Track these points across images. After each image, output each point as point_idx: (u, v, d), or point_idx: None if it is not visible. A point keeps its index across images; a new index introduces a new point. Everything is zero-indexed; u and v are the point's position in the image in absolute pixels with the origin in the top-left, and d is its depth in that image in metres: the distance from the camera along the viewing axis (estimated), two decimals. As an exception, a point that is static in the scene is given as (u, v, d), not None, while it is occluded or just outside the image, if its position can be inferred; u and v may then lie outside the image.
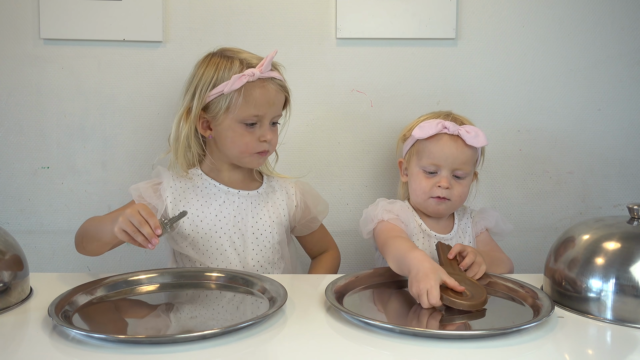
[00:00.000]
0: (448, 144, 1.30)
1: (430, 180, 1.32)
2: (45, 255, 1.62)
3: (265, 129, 1.29)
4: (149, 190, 1.30)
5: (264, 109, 1.28)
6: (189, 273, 1.19)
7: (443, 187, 1.30)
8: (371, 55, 1.61)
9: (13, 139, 1.59)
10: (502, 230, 1.39)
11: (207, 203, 1.31)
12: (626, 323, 0.99)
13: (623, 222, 1.08)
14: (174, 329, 0.98)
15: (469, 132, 1.29)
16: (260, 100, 1.27)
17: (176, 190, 1.31)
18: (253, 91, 1.26)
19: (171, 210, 1.29)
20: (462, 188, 1.32)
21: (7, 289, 1.03)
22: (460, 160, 1.29)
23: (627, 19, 1.60)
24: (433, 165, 1.31)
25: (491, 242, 1.39)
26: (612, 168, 1.65)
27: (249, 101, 1.26)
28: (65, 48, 1.57)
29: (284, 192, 1.38)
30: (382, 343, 0.90)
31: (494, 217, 1.38)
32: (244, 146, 1.29)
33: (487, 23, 1.60)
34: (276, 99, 1.30)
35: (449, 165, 1.30)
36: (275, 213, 1.35)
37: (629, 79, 1.62)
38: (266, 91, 1.27)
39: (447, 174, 1.30)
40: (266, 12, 1.59)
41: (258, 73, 1.25)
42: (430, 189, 1.31)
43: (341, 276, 1.14)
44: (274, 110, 1.30)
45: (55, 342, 0.89)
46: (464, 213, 1.41)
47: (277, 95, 1.30)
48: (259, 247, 1.32)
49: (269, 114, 1.29)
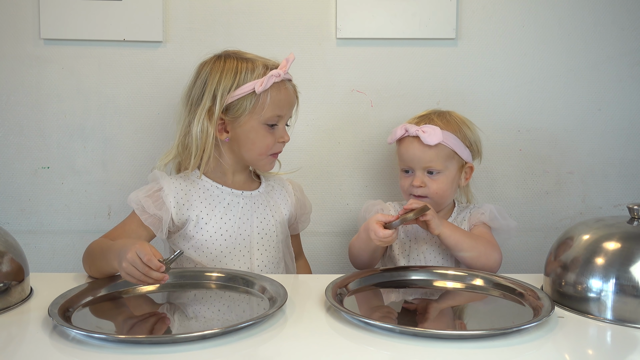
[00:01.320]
0: (410, 146, 1.38)
1: (408, 179, 1.40)
2: (45, 255, 1.62)
3: (282, 129, 1.31)
4: (150, 202, 1.26)
5: (286, 109, 1.30)
6: (189, 273, 1.19)
7: (416, 186, 1.37)
8: (371, 55, 1.61)
9: (13, 139, 1.59)
10: (501, 226, 1.39)
11: (211, 205, 1.29)
12: (626, 323, 0.99)
13: (623, 222, 1.08)
14: (174, 329, 0.98)
15: (425, 131, 1.35)
16: (284, 101, 1.29)
17: (178, 194, 1.28)
18: (278, 92, 1.28)
19: (176, 215, 1.26)
20: (438, 184, 1.37)
21: (7, 289, 1.03)
22: (425, 158, 1.36)
23: (627, 19, 1.60)
24: (406, 166, 1.40)
25: (484, 234, 1.38)
26: (612, 168, 1.65)
27: (274, 102, 1.27)
28: (65, 48, 1.57)
29: (283, 190, 1.39)
30: (382, 343, 0.90)
31: (487, 210, 1.39)
32: (265, 148, 1.29)
33: (487, 23, 1.60)
34: (294, 100, 1.33)
35: (418, 165, 1.37)
36: (277, 212, 1.35)
37: (629, 79, 1.62)
38: (288, 92, 1.30)
39: (420, 173, 1.38)
40: (266, 12, 1.59)
41: (283, 74, 1.27)
42: (407, 187, 1.40)
43: (341, 276, 1.14)
44: (292, 111, 1.34)
45: (55, 342, 0.89)
46: (464, 208, 1.44)
47: (295, 96, 1.33)
48: (264, 247, 1.32)
49: (287, 114, 1.32)
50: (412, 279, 1.19)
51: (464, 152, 1.39)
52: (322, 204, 1.62)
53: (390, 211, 1.44)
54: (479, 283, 1.16)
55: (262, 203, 1.34)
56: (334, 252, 1.67)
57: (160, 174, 1.30)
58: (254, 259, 1.30)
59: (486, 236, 1.36)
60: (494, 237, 1.38)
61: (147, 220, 1.25)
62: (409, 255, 1.38)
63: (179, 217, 1.27)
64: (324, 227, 1.64)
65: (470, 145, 1.41)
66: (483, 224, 1.39)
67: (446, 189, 1.37)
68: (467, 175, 1.42)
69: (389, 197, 1.63)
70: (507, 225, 1.39)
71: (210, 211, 1.29)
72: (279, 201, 1.37)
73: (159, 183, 1.28)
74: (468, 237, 1.30)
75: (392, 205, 1.46)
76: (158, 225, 1.26)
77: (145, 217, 1.25)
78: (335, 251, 1.67)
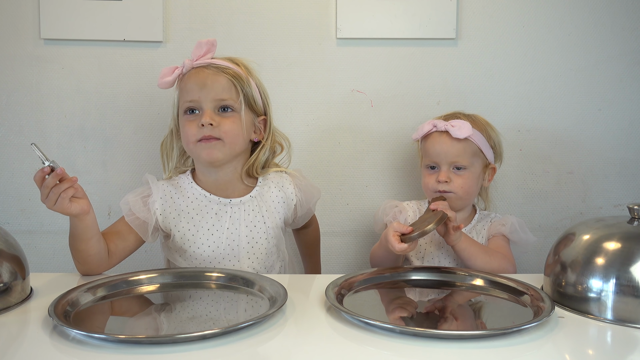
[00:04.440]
0: (438, 140, 1.37)
1: (433, 176, 1.39)
2: (45, 255, 1.62)
3: (205, 113, 1.25)
4: (139, 203, 1.27)
5: (196, 92, 1.26)
6: (189, 273, 1.19)
7: (442, 181, 1.36)
8: (371, 55, 1.61)
9: (13, 139, 1.59)
10: (520, 240, 1.38)
11: (198, 216, 1.29)
12: (626, 323, 0.98)
13: (623, 222, 1.08)
14: (174, 329, 0.98)
15: (454, 125, 1.35)
16: (192, 85, 1.27)
17: (166, 202, 1.28)
18: (187, 79, 1.29)
19: (162, 222, 1.28)
20: (463, 180, 1.36)
21: (7, 289, 1.03)
22: (453, 153, 1.36)
23: (627, 19, 1.60)
24: (432, 162, 1.39)
25: (501, 247, 1.37)
26: (612, 168, 1.65)
27: (183, 89, 1.29)
28: (65, 48, 1.57)
29: (281, 192, 1.35)
30: (382, 343, 0.90)
31: (509, 222, 1.38)
32: (188, 136, 1.27)
33: (487, 23, 1.60)
34: (210, 80, 1.26)
35: (445, 160, 1.37)
36: (270, 217, 1.32)
37: (629, 79, 1.62)
38: (198, 76, 1.28)
39: (446, 168, 1.37)
40: (266, 12, 1.59)
41: (188, 63, 1.28)
42: (433, 184, 1.38)
43: (341, 276, 1.14)
44: (209, 93, 1.25)
45: (55, 342, 0.89)
46: (485, 216, 1.44)
47: (213, 77, 1.26)
48: (255, 255, 1.30)
49: (203, 96, 1.25)
50: (413, 279, 1.19)
51: (488, 151, 1.40)
52: (322, 204, 1.62)
53: (408, 212, 1.43)
54: (479, 283, 1.16)
55: (254, 209, 1.31)
56: (334, 252, 1.67)
57: (151, 179, 1.30)
58: (244, 268, 1.29)
59: (503, 250, 1.36)
60: (511, 249, 1.38)
61: (134, 222, 1.26)
62: (423, 258, 1.38)
63: (164, 225, 1.28)
64: (324, 227, 1.64)
65: (494, 146, 1.42)
66: (502, 236, 1.39)
67: (471, 184, 1.37)
68: (490, 176, 1.43)
69: (389, 196, 1.63)
70: (527, 239, 1.38)
71: (197, 222, 1.28)
72: (274, 204, 1.33)
73: (149, 189, 1.29)
74: (483, 252, 1.29)
75: (409, 206, 1.45)
76: (145, 229, 1.27)
77: (131, 219, 1.26)
78: (335, 251, 1.67)
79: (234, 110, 1.27)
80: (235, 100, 1.27)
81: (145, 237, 1.27)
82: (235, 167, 1.32)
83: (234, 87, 1.27)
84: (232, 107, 1.27)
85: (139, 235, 1.27)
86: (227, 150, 1.27)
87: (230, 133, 1.26)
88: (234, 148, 1.28)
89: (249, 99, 1.29)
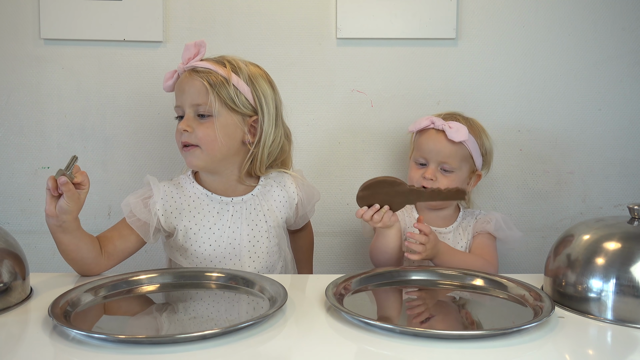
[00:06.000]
0: (433, 138, 1.38)
1: (420, 171, 1.40)
2: (45, 255, 1.62)
3: (184, 119, 1.24)
4: (140, 205, 1.26)
5: (179, 98, 1.27)
6: (189, 273, 1.19)
7: (427, 178, 1.37)
8: (371, 55, 1.61)
9: (13, 139, 1.59)
10: (506, 236, 1.38)
11: (200, 215, 1.28)
12: (626, 323, 0.98)
13: (623, 222, 1.08)
14: (174, 329, 0.98)
15: (451, 127, 1.36)
16: (177, 90, 1.28)
17: (167, 201, 1.28)
18: (177, 84, 1.29)
19: (164, 223, 1.27)
20: (449, 181, 1.37)
21: (7, 289, 1.03)
22: (444, 153, 1.36)
23: (627, 19, 1.60)
24: (422, 157, 1.40)
25: (485, 246, 1.38)
26: (612, 168, 1.65)
27: (175, 93, 1.29)
28: (65, 48, 1.57)
29: (283, 191, 1.34)
30: (382, 343, 0.90)
31: (493, 219, 1.38)
32: (177, 141, 1.28)
33: (487, 23, 1.60)
34: (187, 85, 1.24)
35: (435, 158, 1.38)
36: (272, 216, 1.32)
37: (629, 79, 1.62)
38: (181, 81, 1.28)
39: (434, 166, 1.38)
40: (266, 12, 1.59)
41: (181, 67, 1.28)
42: (417, 179, 1.39)
43: (341, 276, 1.14)
44: (187, 98, 1.24)
45: (55, 342, 0.89)
46: (470, 213, 1.44)
47: (190, 82, 1.24)
48: (256, 254, 1.30)
49: (183, 101, 1.25)
50: (413, 279, 1.19)
51: (478, 158, 1.40)
52: (322, 204, 1.62)
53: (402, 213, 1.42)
54: (479, 283, 1.16)
55: (255, 208, 1.31)
56: (334, 252, 1.67)
57: (152, 180, 1.29)
58: (245, 267, 1.29)
59: (486, 250, 1.36)
60: (498, 246, 1.38)
61: (135, 224, 1.26)
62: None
63: (167, 225, 1.28)
64: (324, 227, 1.64)
65: (485, 154, 1.43)
66: (487, 234, 1.39)
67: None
68: (474, 182, 1.44)
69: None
70: (512, 236, 1.39)
71: (199, 221, 1.28)
72: (276, 203, 1.33)
73: (150, 191, 1.28)
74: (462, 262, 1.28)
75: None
76: (146, 230, 1.26)
77: (132, 221, 1.26)
78: (335, 251, 1.67)
79: (212, 115, 1.24)
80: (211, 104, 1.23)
81: (147, 238, 1.27)
82: (232, 169, 1.31)
83: (207, 91, 1.23)
84: (209, 112, 1.24)
85: (140, 236, 1.27)
86: (205, 156, 1.25)
87: (204, 139, 1.24)
88: (212, 154, 1.25)
89: (226, 101, 1.24)
